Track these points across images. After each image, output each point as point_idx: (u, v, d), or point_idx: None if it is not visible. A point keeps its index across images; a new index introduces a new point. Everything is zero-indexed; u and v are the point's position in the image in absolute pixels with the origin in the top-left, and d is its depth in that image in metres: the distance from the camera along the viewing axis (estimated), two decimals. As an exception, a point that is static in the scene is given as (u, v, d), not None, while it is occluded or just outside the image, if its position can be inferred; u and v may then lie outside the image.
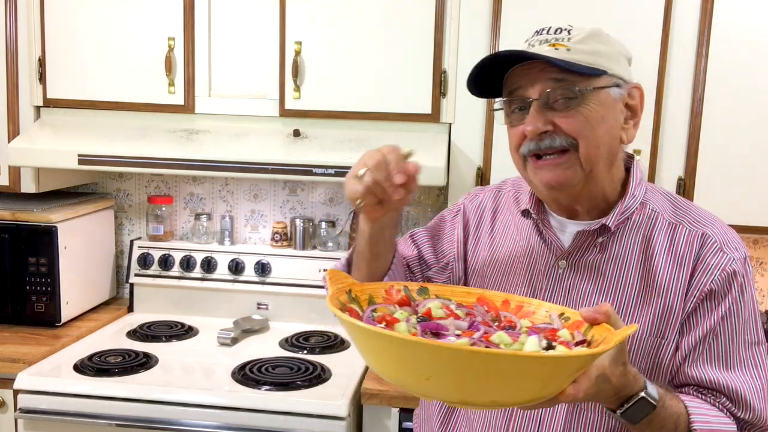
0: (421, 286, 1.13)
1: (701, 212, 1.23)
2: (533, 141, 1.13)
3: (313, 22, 2.14)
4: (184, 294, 2.52)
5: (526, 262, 1.26)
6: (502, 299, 1.11)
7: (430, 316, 1.03)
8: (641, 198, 1.22)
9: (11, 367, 2.01)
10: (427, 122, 2.14)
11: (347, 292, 1.07)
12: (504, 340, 0.93)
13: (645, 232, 1.20)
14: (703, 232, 1.18)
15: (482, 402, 0.91)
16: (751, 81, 2.00)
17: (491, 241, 1.33)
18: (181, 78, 2.21)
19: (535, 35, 1.15)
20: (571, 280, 1.21)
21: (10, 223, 2.26)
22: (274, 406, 1.85)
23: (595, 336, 0.97)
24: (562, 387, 0.89)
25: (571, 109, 1.11)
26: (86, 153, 2.15)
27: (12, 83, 2.27)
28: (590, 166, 1.14)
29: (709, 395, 1.16)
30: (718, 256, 1.16)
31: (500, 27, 2.06)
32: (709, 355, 1.16)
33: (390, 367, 0.91)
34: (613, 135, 1.16)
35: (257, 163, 2.10)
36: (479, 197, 1.40)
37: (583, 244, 1.20)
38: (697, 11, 1.99)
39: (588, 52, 1.11)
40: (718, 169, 2.05)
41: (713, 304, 1.15)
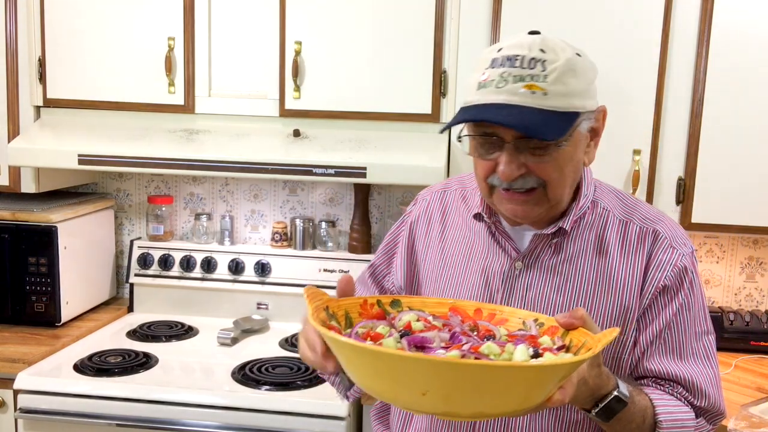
0: (393, 298, 1.13)
1: (649, 209, 1.27)
2: (505, 182, 1.13)
3: (313, 22, 2.14)
4: (184, 294, 2.52)
5: (480, 263, 1.27)
6: (474, 308, 1.12)
7: (411, 329, 1.02)
8: (591, 197, 1.25)
9: (11, 367, 2.01)
10: (427, 122, 2.14)
11: (325, 309, 1.05)
12: (493, 350, 0.93)
13: (598, 230, 1.23)
14: (654, 228, 1.22)
15: (467, 413, 0.91)
16: (751, 81, 2.00)
17: (442, 245, 1.34)
18: (181, 78, 2.21)
19: (507, 65, 1.09)
20: (528, 280, 1.23)
21: (10, 223, 2.26)
22: (274, 406, 1.85)
23: (573, 340, 0.98)
24: (549, 393, 0.89)
25: (544, 155, 1.11)
26: (86, 153, 2.15)
27: (12, 83, 2.27)
28: (556, 200, 1.17)
29: (667, 386, 1.20)
30: (669, 252, 1.20)
31: (500, 27, 2.06)
32: (665, 348, 1.20)
33: (383, 384, 0.89)
34: (578, 167, 1.19)
35: (257, 163, 2.10)
36: (426, 200, 1.41)
37: (539, 246, 1.23)
38: (697, 11, 1.99)
39: (563, 94, 1.08)
40: (718, 169, 2.05)
41: (667, 299, 1.20)
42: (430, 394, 0.84)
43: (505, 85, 1.08)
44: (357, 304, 1.11)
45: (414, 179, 2.06)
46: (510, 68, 1.09)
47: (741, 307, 2.42)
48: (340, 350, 0.92)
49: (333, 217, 2.58)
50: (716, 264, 2.44)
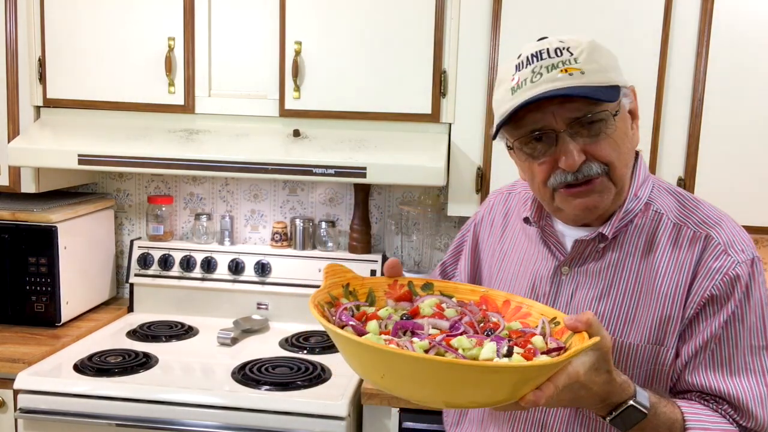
0: (426, 281, 1.14)
1: (709, 211, 1.19)
2: (569, 173, 1.10)
3: (313, 22, 2.14)
4: (184, 294, 2.52)
5: (530, 267, 1.26)
6: (504, 299, 1.12)
7: (417, 314, 1.05)
8: (645, 199, 1.19)
9: (11, 367, 2.01)
10: (427, 122, 2.14)
11: (344, 286, 1.08)
12: (463, 344, 0.95)
13: (648, 235, 1.18)
14: (707, 234, 1.15)
15: (434, 402, 0.94)
16: (751, 81, 2.00)
17: (501, 248, 1.34)
18: (181, 78, 2.21)
19: (534, 61, 1.09)
20: (573, 286, 1.20)
21: (10, 223, 2.26)
22: (274, 406, 1.85)
23: (573, 344, 0.98)
24: (519, 393, 0.90)
25: (602, 133, 1.09)
26: (86, 153, 2.15)
27: (12, 83, 2.27)
28: (621, 183, 1.14)
29: (712, 402, 1.14)
30: (721, 259, 1.13)
31: (500, 27, 2.06)
32: (712, 362, 1.13)
33: (353, 363, 0.97)
34: (632, 146, 1.15)
35: (257, 163, 2.10)
36: (491, 202, 1.41)
37: (584, 251, 1.20)
38: (697, 11, 1.99)
39: (599, 70, 1.08)
40: (718, 169, 2.05)
41: (715, 310, 1.13)
42: (387, 378, 0.91)
43: (540, 77, 1.08)
44: (385, 283, 1.13)
45: (414, 179, 2.06)
46: (539, 62, 1.09)
47: (741, 307, 2.42)
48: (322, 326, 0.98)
49: (333, 217, 2.58)
50: (716, 264, 2.44)
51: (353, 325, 1.01)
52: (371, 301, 1.11)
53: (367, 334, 0.98)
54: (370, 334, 0.98)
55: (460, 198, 2.16)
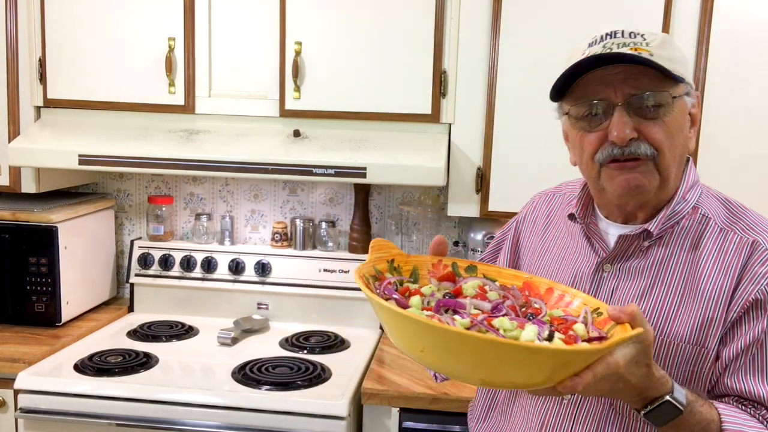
0: (470, 263, 1.15)
1: (756, 218, 1.19)
2: (617, 147, 1.11)
3: (313, 22, 2.14)
4: (185, 294, 2.52)
5: (572, 264, 1.26)
6: (547, 286, 1.12)
7: (460, 294, 1.05)
8: (694, 202, 1.20)
9: (11, 366, 2.01)
10: (427, 122, 2.14)
11: (389, 261, 1.09)
12: (504, 325, 0.95)
13: (694, 237, 1.18)
14: (754, 239, 1.15)
15: (471, 379, 0.95)
16: (751, 81, 2.00)
17: (542, 246, 1.34)
18: (182, 78, 2.21)
19: (607, 38, 1.12)
20: (615, 282, 1.20)
21: (11, 223, 2.26)
22: (274, 406, 1.85)
23: (615, 334, 0.97)
24: (557, 378, 0.91)
25: (657, 118, 1.10)
26: (86, 153, 2.16)
27: (12, 83, 2.27)
28: (667, 174, 1.14)
29: (750, 407, 1.13)
30: (767, 264, 1.13)
31: (500, 27, 2.06)
32: (752, 366, 1.13)
33: (394, 335, 0.97)
34: (685, 144, 1.16)
35: (257, 163, 2.10)
36: (534, 202, 1.42)
37: (628, 249, 1.20)
38: (697, 11, 1.99)
39: (668, 58, 1.09)
40: (717, 169, 2.04)
41: (759, 314, 1.12)
42: (427, 352, 0.92)
43: (611, 51, 1.10)
44: (429, 262, 1.14)
45: (414, 179, 2.06)
46: (612, 39, 1.11)
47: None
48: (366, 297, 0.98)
49: (333, 217, 2.58)
50: (716, 264, 2.44)
51: (396, 298, 1.01)
52: (415, 279, 1.12)
53: (409, 308, 0.98)
54: (412, 308, 0.98)
55: (460, 198, 2.16)
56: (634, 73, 1.09)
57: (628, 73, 1.10)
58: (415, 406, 1.89)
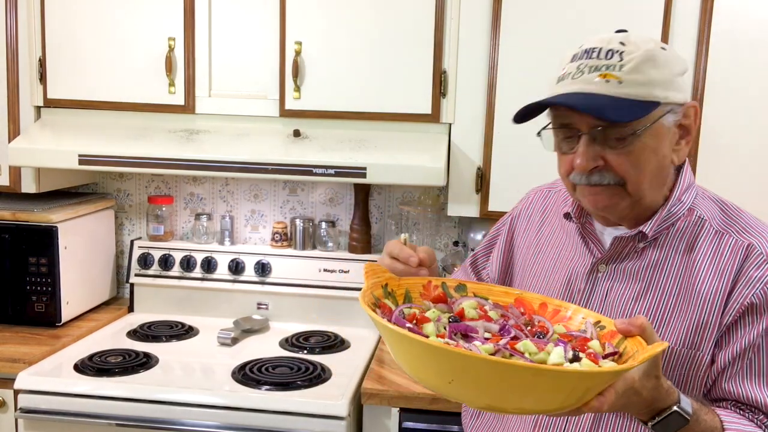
0: (459, 282, 1.13)
1: (752, 221, 1.19)
2: (582, 175, 1.11)
3: (313, 22, 2.14)
4: (185, 294, 2.52)
5: (567, 263, 1.26)
6: (540, 302, 1.10)
7: (463, 316, 1.03)
8: (689, 204, 1.19)
9: (11, 367, 2.01)
10: (427, 122, 2.14)
11: (383, 286, 1.07)
12: (529, 348, 0.93)
13: (689, 239, 1.17)
14: (749, 242, 1.14)
15: (507, 408, 0.91)
16: (751, 81, 2.00)
17: (537, 243, 1.34)
18: (182, 78, 2.21)
19: (584, 57, 1.10)
20: (609, 284, 1.20)
21: (11, 223, 2.26)
22: (274, 406, 1.85)
23: (627, 348, 0.96)
24: (585, 399, 0.89)
25: (623, 147, 1.09)
26: (86, 153, 2.16)
27: (12, 83, 2.27)
28: (639, 196, 1.13)
29: (747, 411, 1.13)
30: (762, 268, 1.12)
31: (500, 27, 2.06)
32: (749, 371, 1.13)
33: (415, 368, 0.92)
34: (663, 163, 1.14)
35: (257, 163, 2.10)
36: (530, 198, 1.42)
37: (623, 250, 1.19)
38: (697, 11, 1.99)
39: (641, 83, 1.06)
40: (717, 169, 2.04)
41: (754, 318, 1.12)
42: (456, 383, 0.86)
43: (581, 75, 1.09)
44: (420, 284, 1.12)
45: (414, 179, 2.06)
46: (587, 60, 1.09)
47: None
48: (380, 330, 0.93)
49: (333, 217, 2.58)
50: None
51: (410, 327, 0.96)
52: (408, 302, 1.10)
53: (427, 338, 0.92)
54: (431, 337, 0.93)
55: (460, 198, 2.16)
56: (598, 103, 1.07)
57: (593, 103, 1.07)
58: (415, 406, 1.89)
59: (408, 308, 1.04)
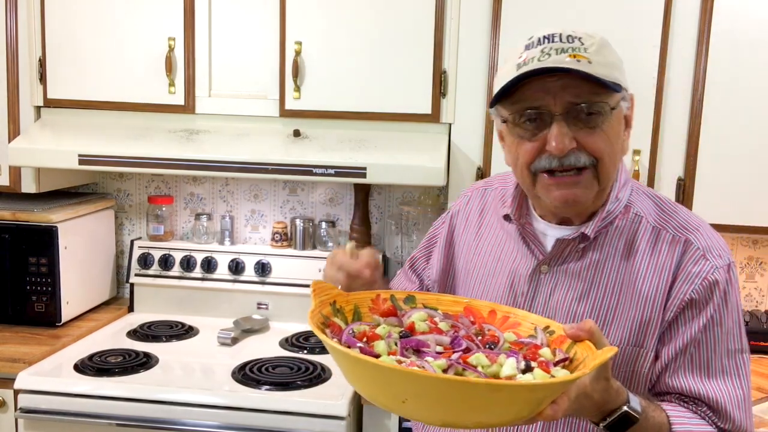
0: (407, 294, 1.12)
1: (687, 216, 1.20)
2: (555, 158, 1.09)
3: (313, 22, 2.14)
4: (185, 294, 2.52)
5: (509, 265, 1.25)
6: (489, 309, 1.10)
7: (413, 330, 1.02)
8: (626, 201, 1.20)
9: (11, 366, 2.01)
10: (427, 122, 2.14)
11: (331, 303, 1.06)
12: (481, 362, 0.92)
13: (628, 237, 1.18)
14: (686, 238, 1.16)
15: (462, 424, 0.90)
16: (751, 81, 2.00)
17: (477, 244, 1.33)
18: (182, 78, 2.21)
19: (545, 42, 1.09)
20: (553, 285, 1.20)
21: (11, 223, 2.26)
22: (274, 406, 1.85)
23: (577, 353, 0.97)
24: (539, 408, 0.89)
25: (596, 127, 1.09)
26: (86, 153, 2.16)
27: (12, 83, 2.27)
28: (605, 183, 1.13)
29: (691, 404, 1.15)
30: (700, 264, 1.14)
31: (500, 27, 2.06)
32: (691, 365, 1.14)
33: (368, 389, 0.92)
34: (623, 149, 1.15)
35: (257, 163, 2.10)
36: (467, 197, 1.40)
37: (564, 251, 1.19)
38: (697, 11, 1.99)
39: (606, 64, 1.08)
40: (717, 169, 2.05)
41: (694, 313, 1.14)
42: (410, 403, 0.86)
43: (549, 57, 1.07)
44: (369, 298, 1.10)
45: (414, 179, 2.06)
46: (550, 44, 1.09)
47: (741, 307, 2.42)
48: (331, 352, 0.93)
49: (333, 217, 2.58)
50: (716, 264, 2.44)
51: (361, 347, 0.95)
52: (358, 318, 1.09)
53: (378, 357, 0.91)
54: (382, 356, 0.92)
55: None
56: (573, 82, 1.07)
57: (567, 82, 1.07)
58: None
59: (358, 326, 1.02)
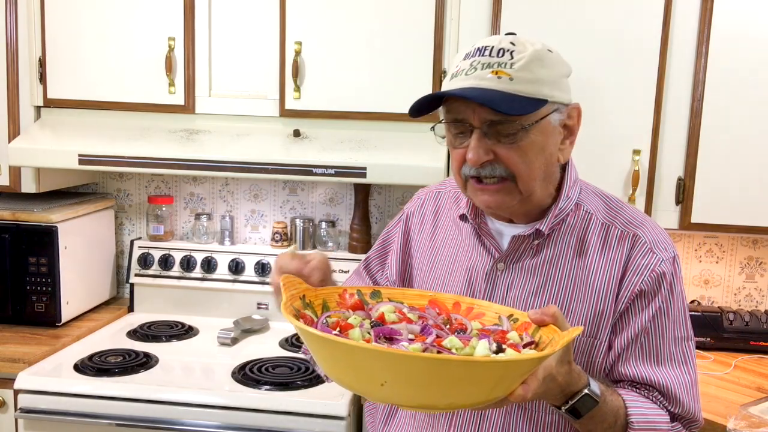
0: (373, 289, 1.16)
1: (634, 213, 1.26)
2: (473, 168, 1.15)
3: (313, 22, 2.14)
4: (184, 294, 2.52)
5: (465, 264, 1.28)
6: (453, 301, 1.14)
7: (384, 320, 1.05)
8: (576, 199, 1.25)
9: (11, 367, 2.01)
10: (426, 122, 2.14)
11: (301, 297, 1.08)
12: (455, 344, 0.95)
13: (579, 233, 1.23)
14: (634, 233, 1.22)
15: (437, 405, 0.93)
16: (751, 81, 2.00)
17: (432, 245, 1.36)
18: (182, 78, 2.21)
19: (477, 54, 1.14)
20: (509, 281, 1.24)
21: (11, 223, 2.26)
22: (274, 406, 1.85)
23: (543, 337, 1.00)
24: (511, 388, 0.92)
25: (513, 143, 1.13)
26: (86, 153, 2.16)
27: (12, 83, 2.27)
28: (528, 192, 1.17)
29: (643, 390, 1.20)
30: (648, 257, 1.20)
31: (500, 27, 2.06)
32: (641, 353, 1.20)
33: (345, 375, 0.93)
34: (551, 160, 1.19)
35: (257, 163, 2.10)
36: (421, 199, 1.43)
37: (520, 248, 1.24)
38: (697, 11, 1.99)
39: (530, 80, 1.11)
40: (717, 169, 2.05)
41: (644, 304, 1.20)
42: (389, 385, 0.87)
43: (474, 72, 1.12)
44: (336, 293, 1.13)
45: (414, 179, 2.06)
46: (479, 57, 1.13)
47: (741, 307, 2.42)
48: (307, 339, 0.94)
49: (333, 217, 2.58)
50: (716, 264, 2.44)
51: (337, 335, 0.95)
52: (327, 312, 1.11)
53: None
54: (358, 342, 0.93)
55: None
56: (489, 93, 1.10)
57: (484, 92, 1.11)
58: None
59: (329, 317, 1.05)
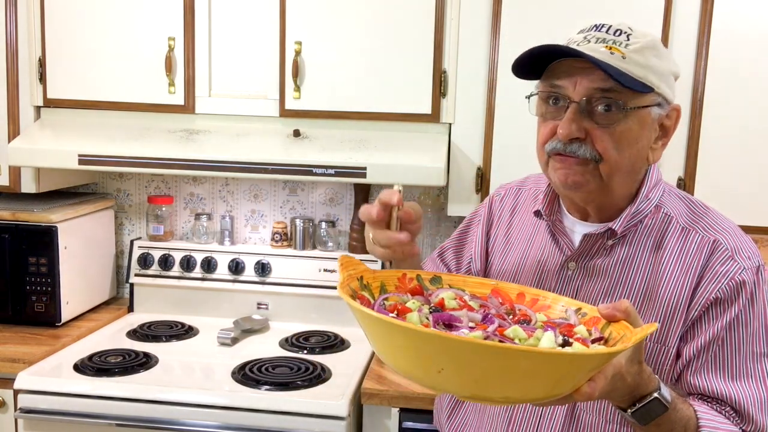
0: (434, 275, 1.12)
1: (718, 218, 1.20)
2: (561, 142, 1.11)
3: (313, 22, 2.14)
4: (184, 294, 2.52)
5: (537, 261, 1.26)
6: (517, 291, 1.10)
7: (443, 306, 1.02)
8: (656, 201, 1.20)
9: (11, 367, 2.01)
10: (427, 122, 2.14)
11: (359, 278, 1.05)
12: (519, 334, 0.91)
13: (657, 236, 1.18)
14: (714, 238, 1.16)
15: (493, 397, 0.88)
16: (751, 81, 2.00)
17: (506, 240, 1.34)
18: (182, 78, 2.21)
19: (593, 29, 1.12)
20: (580, 281, 1.21)
21: (10, 223, 2.26)
22: (274, 406, 1.85)
23: (613, 333, 0.95)
24: (576, 385, 0.87)
25: (609, 124, 1.09)
26: (86, 153, 2.16)
27: (12, 83, 2.27)
28: (609, 180, 1.13)
29: (714, 404, 1.14)
30: (727, 264, 1.14)
31: (500, 27, 2.06)
32: (714, 364, 1.14)
33: (401, 359, 0.88)
34: (641, 155, 1.15)
35: (257, 163, 2.10)
36: (501, 194, 1.41)
37: (592, 247, 1.20)
38: (697, 11, 1.99)
39: (642, 64, 1.08)
40: (718, 170, 2.05)
41: (718, 312, 1.13)
42: (445, 373, 0.83)
43: (587, 44, 1.10)
44: (395, 276, 1.10)
45: (414, 179, 2.06)
46: (596, 32, 1.12)
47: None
48: (362, 320, 0.90)
49: (333, 217, 2.58)
50: (716, 264, 2.44)
51: (394, 318, 0.92)
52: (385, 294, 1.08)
53: None
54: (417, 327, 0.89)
55: (460, 198, 2.16)
56: (595, 73, 1.08)
57: (593, 70, 1.08)
58: (415, 406, 1.89)
59: (386, 300, 1.02)
